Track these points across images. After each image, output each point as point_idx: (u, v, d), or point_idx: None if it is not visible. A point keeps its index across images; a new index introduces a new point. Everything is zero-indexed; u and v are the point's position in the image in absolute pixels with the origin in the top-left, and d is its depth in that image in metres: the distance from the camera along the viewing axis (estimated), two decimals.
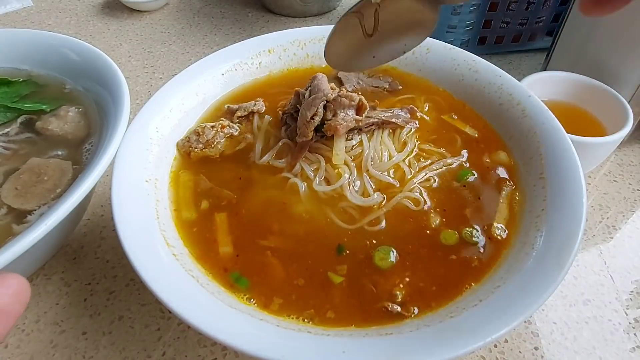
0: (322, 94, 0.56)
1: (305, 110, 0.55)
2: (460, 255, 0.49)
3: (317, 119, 0.55)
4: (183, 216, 0.52)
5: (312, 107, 0.55)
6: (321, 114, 0.55)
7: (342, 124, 0.54)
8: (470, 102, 0.65)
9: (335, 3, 1.16)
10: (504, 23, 0.95)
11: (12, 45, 0.67)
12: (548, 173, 0.52)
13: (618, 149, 0.77)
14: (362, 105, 0.56)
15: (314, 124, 0.55)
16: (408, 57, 0.70)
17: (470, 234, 0.51)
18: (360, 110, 0.56)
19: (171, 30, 1.09)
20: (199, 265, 0.48)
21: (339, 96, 0.55)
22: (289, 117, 0.61)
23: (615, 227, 0.67)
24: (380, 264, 0.48)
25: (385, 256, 0.49)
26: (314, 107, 0.55)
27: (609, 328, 0.56)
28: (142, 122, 0.56)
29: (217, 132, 0.59)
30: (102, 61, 0.61)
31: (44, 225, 0.42)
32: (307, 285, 0.47)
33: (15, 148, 0.58)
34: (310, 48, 0.71)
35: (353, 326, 0.43)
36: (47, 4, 1.16)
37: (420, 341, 0.40)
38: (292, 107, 0.60)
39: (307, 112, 0.55)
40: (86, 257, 0.62)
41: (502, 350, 0.53)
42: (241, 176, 0.56)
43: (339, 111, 0.55)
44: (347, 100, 0.55)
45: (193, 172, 0.57)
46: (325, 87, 0.57)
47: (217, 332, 0.38)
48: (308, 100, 0.56)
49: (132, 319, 0.55)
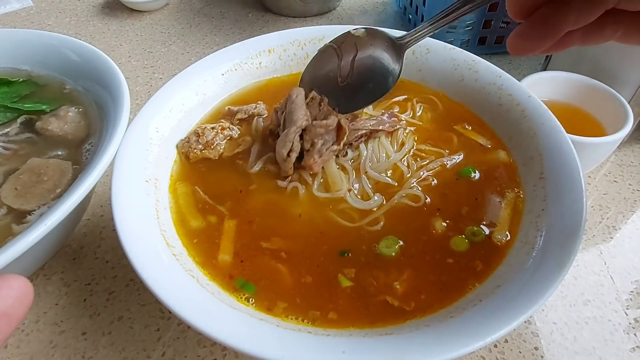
0: (295, 127, 0.52)
1: (280, 148, 0.52)
2: (463, 256, 0.49)
3: (293, 155, 0.52)
4: (185, 225, 0.52)
5: (286, 143, 0.51)
6: (297, 147, 0.52)
7: (316, 161, 0.51)
8: (470, 103, 0.65)
9: (335, 3, 1.17)
10: (504, 23, 0.95)
11: (12, 45, 0.67)
12: (548, 173, 0.52)
13: (618, 149, 0.77)
14: (341, 129, 0.52)
15: (291, 160, 0.52)
16: (408, 58, 0.69)
17: (472, 232, 0.51)
18: (340, 134, 0.53)
19: (171, 31, 1.09)
20: (203, 270, 0.48)
21: (313, 126, 0.51)
22: (273, 136, 0.59)
23: (615, 228, 0.67)
24: (385, 251, 0.49)
25: (392, 244, 0.49)
26: (289, 142, 0.51)
27: (609, 328, 0.56)
28: (142, 122, 0.56)
29: (217, 133, 0.59)
30: (102, 61, 0.61)
31: (43, 226, 0.42)
32: (312, 289, 0.46)
33: (15, 148, 0.58)
34: (310, 48, 0.71)
35: (353, 326, 0.43)
36: (47, 4, 1.16)
37: (420, 341, 0.40)
38: (274, 125, 0.58)
39: (282, 150, 0.52)
40: (86, 258, 0.62)
41: (502, 350, 0.53)
42: (240, 179, 0.56)
43: (316, 140, 0.52)
44: (322, 130, 0.51)
45: (192, 176, 0.57)
46: (298, 116, 0.52)
47: (217, 332, 0.38)
48: (281, 136, 0.52)
49: (132, 319, 0.55)
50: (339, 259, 0.49)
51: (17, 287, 0.27)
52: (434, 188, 0.55)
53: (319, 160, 0.51)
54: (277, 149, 0.53)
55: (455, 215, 0.53)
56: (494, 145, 0.60)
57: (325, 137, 0.52)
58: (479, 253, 0.49)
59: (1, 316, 0.26)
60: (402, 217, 0.52)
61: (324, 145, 0.52)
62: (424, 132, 0.62)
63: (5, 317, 0.27)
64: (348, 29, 0.56)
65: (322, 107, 0.54)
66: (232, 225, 0.51)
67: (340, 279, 0.47)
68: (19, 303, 0.27)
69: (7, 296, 0.27)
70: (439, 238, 0.50)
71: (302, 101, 0.54)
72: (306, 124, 0.52)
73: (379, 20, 1.14)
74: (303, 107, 0.53)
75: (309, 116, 0.54)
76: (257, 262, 0.48)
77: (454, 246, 0.50)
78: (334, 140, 0.53)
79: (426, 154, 0.59)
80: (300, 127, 0.52)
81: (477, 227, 0.51)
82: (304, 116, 0.52)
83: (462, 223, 0.52)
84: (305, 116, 0.53)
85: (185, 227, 0.51)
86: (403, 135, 0.60)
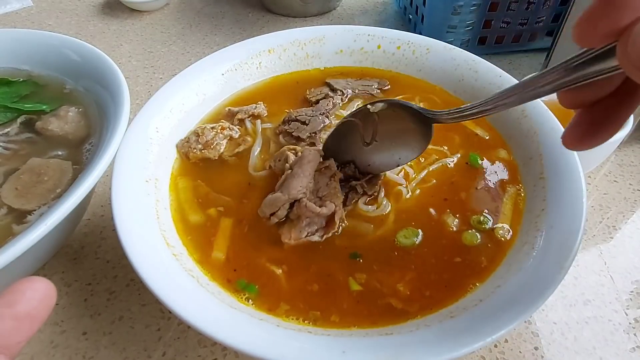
0: (287, 197, 0.48)
1: (264, 207, 0.50)
2: (466, 255, 0.49)
3: (274, 219, 0.50)
4: (185, 222, 0.52)
5: (272, 206, 0.49)
6: (281, 215, 0.49)
7: (290, 240, 0.48)
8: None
9: (335, 3, 1.17)
10: (504, 23, 0.95)
11: (12, 45, 0.67)
12: (548, 173, 0.52)
13: (618, 149, 0.77)
14: (332, 222, 0.49)
15: (271, 223, 0.50)
16: (408, 58, 0.70)
17: (478, 220, 0.51)
18: (329, 225, 0.49)
19: (171, 31, 1.09)
20: (203, 269, 0.48)
21: (305, 206, 0.48)
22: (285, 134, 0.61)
23: (616, 228, 0.67)
24: (403, 241, 0.49)
25: (410, 235, 0.50)
26: (274, 207, 0.49)
27: (609, 328, 0.56)
28: (142, 122, 0.56)
29: (217, 133, 0.59)
30: (103, 61, 0.61)
31: (44, 225, 0.42)
32: (317, 291, 0.46)
33: (16, 148, 0.58)
34: (310, 48, 0.71)
35: (354, 326, 0.43)
36: (47, 4, 1.16)
37: (421, 341, 0.40)
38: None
39: (266, 210, 0.50)
40: (86, 258, 0.62)
41: (502, 350, 0.53)
42: (240, 180, 0.56)
43: (303, 218, 0.48)
44: (311, 213, 0.48)
45: (191, 177, 0.57)
46: (296, 186, 0.49)
47: (217, 332, 0.38)
48: (270, 198, 0.50)
49: (133, 319, 0.55)
50: (348, 262, 0.48)
51: (41, 289, 0.28)
52: (436, 186, 0.55)
53: (292, 242, 0.48)
54: (262, 205, 0.51)
55: (461, 206, 0.53)
56: (492, 137, 0.61)
57: (313, 219, 0.49)
58: (482, 249, 0.49)
59: (25, 317, 0.27)
60: (410, 216, 0.52)
61: (308, 226, 0.49)
62: None
63: (29, 319, 0.27)
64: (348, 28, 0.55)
65: (331, 182, 0.51)
66: (229, 224, 0.51)
67: (350, 282, 0.47)
68: (43, 305, 0.28)
69: (31, 298, 0.27)
70: (448, 233, 0.51)
71: (311, 170, 0.51)
72: (301, 197, 0.49)
73: (379, 20, 1.14)
74: (308, 178, 0.50)
75: (310, 188, 0.50)
76: (257, 263, 0.48)
77: (465, 241, 0.50)
78: (322, 226, 0.49)
79: (428, 154, 0.59)
80: (294, 198, 0.49)
81: (482, 217, 0.52)
82: (302, 188, 0.49)
83: (470, 212, 0.52)
84: (304, 189, 0.49)
85: (185, 224, 0.52)
86: None
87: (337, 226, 0.49)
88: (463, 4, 0.89)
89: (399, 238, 0.50)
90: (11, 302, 0.27)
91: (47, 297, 0.28)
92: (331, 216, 0.49)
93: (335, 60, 0.72)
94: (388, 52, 0.71)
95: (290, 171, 0.51)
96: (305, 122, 0.60)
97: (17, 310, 0.27)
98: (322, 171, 0.52)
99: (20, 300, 0.27)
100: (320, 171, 0.52)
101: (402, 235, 0.50)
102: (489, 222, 0.51)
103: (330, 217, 0.49)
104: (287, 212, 0.50)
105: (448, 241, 0.50)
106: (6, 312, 0.26)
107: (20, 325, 0.27)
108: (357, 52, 0.72)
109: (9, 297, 0.27)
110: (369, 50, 0.72)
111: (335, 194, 0.50)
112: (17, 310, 0.27)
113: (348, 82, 0.69)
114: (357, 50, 0.72)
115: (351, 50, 0.72)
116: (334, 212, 0.49)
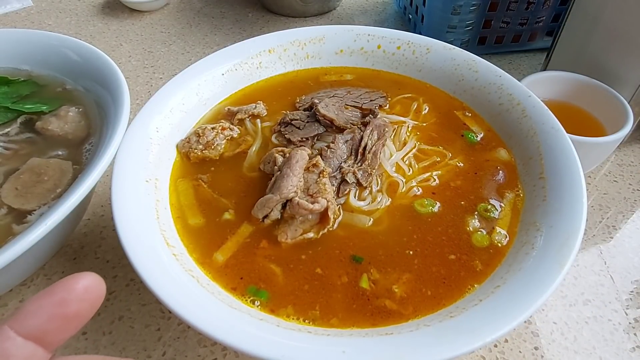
0: (279, 197, 0.49)
1: (257, 210, 0.50)
2: (465, 256, 0.49)
3: (267, 221, 0.50)
4: (185, 223, 0.52)
5: (264, 208, 0.50)
6: (275, 216, 0.50)
7: (287, 239, 0.48)
8: (470, 102, 0.65)
9: (335, 3, 1.17)
10: (504, 23, 0.95)
11: (12, 45, 0.67)
12: (548, 173, 0.52)
13: (618, 149, 0.77)
14: (326, 217, 0.49)
15: (263, 225, 0.50)
16: (408, 58, 0.70)
17: (485, 208, 0.52)
18: (323, 221, 0.49)
19: (171, 31, 1.09)
20: (204, 269, 0.48)
21: (298, 205, 0.48)
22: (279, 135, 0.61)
23: (615, 227, 0.67)
24: (420, 209, 0.52)
25: (427, 205, 0.52)
26: (267, 209, 0.49)
27: (609, 328, 0.56)
28: (142, 122, 0.56)
29: (217, 133, 0.59)
30: (102, 61, 0.61)
31: (44, 225, 0.42)
32: (318, 292, 0.46)
33: (16, 148, 0.58)
34: (310, 48, 0.71)
35: (354, 326, 0.43)
36: (47, 4, 1.16)
37: (420, 341, 0.40)
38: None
39: (258, 213, 0.50)
40: (86, 257, 0.62)
41: (502, 350, 0.53)
42: (241, 180, 0.56)
43: (297, 216, 0.49)
44: (304, 211, 0.48)
45: (192, 177, 0.57)
46: (287, 185, 0.49)
47: (217, 332, 0.38)
48: (262, 200, 0.50)
49: (133, 319, 0.55)
50: (351, 263, 0.48)
51: (94, 290, 0.27)
52: (435, 187, 0.55)
53: (289, 241, 0.49)
54: (255, 207, 0.51)
55: (458, 212, 0.53)
56: (492, 137, 0.61)
57: (307, 217, 0.49)
58: (480, 252, 0.49)
59: (74, 317, 0.26)
60: (405, 216, 0.52)
61: (302, 224, 0.49)
62: (425, 133, 0.62)
63: (77, 319, 0.27)
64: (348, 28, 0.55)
65: (320, 179, 0.51)
66: (232, 224, 0.51)
67: (357, 280, 0.47)
68: (93, 307, 0.27)
69: (83, 299, 0.27)
70: (471, 239, 0.50)
71: (300, 168, 0.51)
72: (292, 196, 0.49)
73: (378, 20, 1.14)
74: (298, 176, 0.51)
75: (300, 186, 0.51)
76: (258, 264, 0.48)
77: (475, 242, 0.50)
78: (316, 222, 0.50)
79: (427, 155, 0.59)
80: (286, 198, 0.49)
81: (489, 204, 0.53)
82: (293, 187, 0.49)
83: (476, 202, 0.53)
84: (294, 188, 0.50)
85: (185, 225, 0.51)
86: (405, 134, 0.60)
87: (331, 221, 0.49)
88: (463, 4, 0.89)
89: (417, 206, 0.52)
90: (62, 301, 0.26)
91: (99, 297, 0.27)
92: (324, 212, 0.49)
93: (335, 60, 0.72)
94: (388, 52, 0.71)
95: (280, 172, 0.51)
96: (299, 127, 0.60)
97: (67, 310, 0.26)
98: (310, 169, 0.52)
99: (72, 301, 0.26)
100: (309, 170, 0.52)
101: (419, 204, 0.52)
102: (495, 208, 0.52)
103: (324, 213, 0.49)
104: (280, 213, 0.50)
105: (451, 239, 0.50)
106: (57, 312, 0.26)
107: (68, 325, 0.26)
108: (357, 52, 0.72)
109: (61, 294, 0.26)
110: (369, 50, 0.72)
111: (325, 190, 0.50)
112: (67, 311, 0.26)
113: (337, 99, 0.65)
114: (357, 50, 0.72)
115: (351, 50, 0.72)
116: (327, 208, 0.49)
